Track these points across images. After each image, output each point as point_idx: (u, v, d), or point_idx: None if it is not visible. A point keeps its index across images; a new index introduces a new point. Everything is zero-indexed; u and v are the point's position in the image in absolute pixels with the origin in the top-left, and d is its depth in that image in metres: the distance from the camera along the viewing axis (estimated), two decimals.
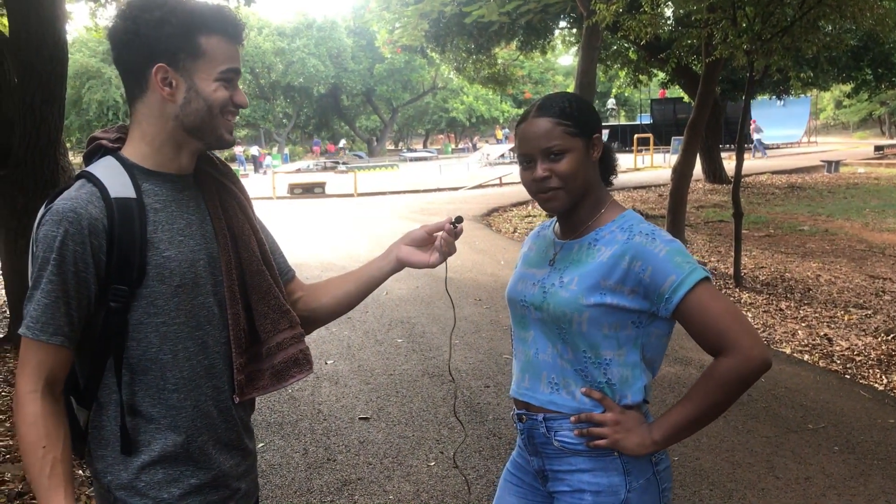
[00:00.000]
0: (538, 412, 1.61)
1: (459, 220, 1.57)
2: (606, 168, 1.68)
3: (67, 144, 7.44)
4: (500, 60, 17.29)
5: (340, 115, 51.88)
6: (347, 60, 44.71)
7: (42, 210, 1.33)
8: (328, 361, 5.40)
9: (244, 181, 1.59)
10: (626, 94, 42.76)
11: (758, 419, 4.21)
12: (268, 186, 21.19)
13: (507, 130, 49.92)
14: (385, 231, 12.13)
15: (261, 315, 1.48)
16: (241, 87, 1.44)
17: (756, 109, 30.88)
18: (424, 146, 57.77)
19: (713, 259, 9.12)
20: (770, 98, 23.37)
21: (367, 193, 20.69)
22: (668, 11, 12.03)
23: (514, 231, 12.27)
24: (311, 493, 3.45)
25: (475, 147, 47.46)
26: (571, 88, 22.58)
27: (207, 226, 1.43)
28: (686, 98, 23.90)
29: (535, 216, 13.50)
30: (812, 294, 7.20)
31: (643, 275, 1.48)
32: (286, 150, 45.78)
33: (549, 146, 1.54)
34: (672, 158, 19.04)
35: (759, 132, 29.27)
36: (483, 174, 25.05)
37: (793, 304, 6.81)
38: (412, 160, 41.10)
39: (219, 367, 1.42)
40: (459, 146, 51.70)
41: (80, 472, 3.38)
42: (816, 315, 6.45)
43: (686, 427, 1.52)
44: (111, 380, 1.34)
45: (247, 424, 1.53)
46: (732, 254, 7.76)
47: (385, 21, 16.89)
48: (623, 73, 17.91)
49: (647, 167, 25.58)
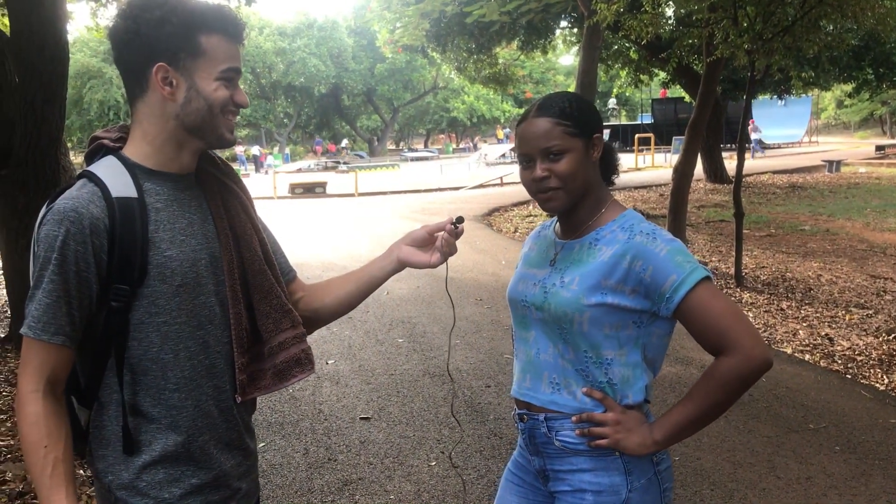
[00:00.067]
0: (539, 412, 1.61)
1: (460, 221, 1.56)
2: (608, 168, 1.68)
3: (68, 144, 7.44)
4: (501, 60, 17.29)
5: (341, 115, 51.89)
6: (348, 60, 44.72)
7: (43, 209, 1.33)
8: (329, 361, 5.40)
9: (245, 181, 1.58)
10: (627, 94, 42.75)
11: (759, 419, 4.21)
12: (269, 186, 21.19)
13: (508, 130, 49.89)
14: (386, 231, 12.13)
15: (263, 314, 1.48)
16: (242, 87, 1.44)
17: (757, 109, 30.91)
18: (425, 146, 57.77)
19: (714, 259, 9.12)
20: (771, 98, 23.38)
21: (368, 193, 20.68)
22: (669, 11, 12.03)
23: (516, 231, 12.27)
24: (312, 493, 3.45)
25: (476, 147, 47.47)
26: (572, 88, 22.58)
27: (209, 225, 1.43)
28: (687, 98, 23.91)
29: (537, 216, 13.50)
30: (813, 294, 7.19)
31: (644, 274, 1.48)
32: (287, 150, 45.79)
33: (549, 146, 1.53)
34: (673, 158, 19.03)
35: (757, 132, 29.27)
36: (484, 174, 25.04)
37: (794, 304, 6.80)
38: (413, 160, 41.11)
39: (220, 367, 1.42)
40: (460, 146, 51.67)
41: (82, 472, 3.38)
42: (817, 315, 6.45)
43: (687, 427, 1.51)
44: (112, 379, 1.34)
45: (248, 424, 1.53)
46: (733, 253, 7.76)
47: (386, 21, 16.89)
48: (624, 73, 17.92)
49: (648, 167, 25.58)
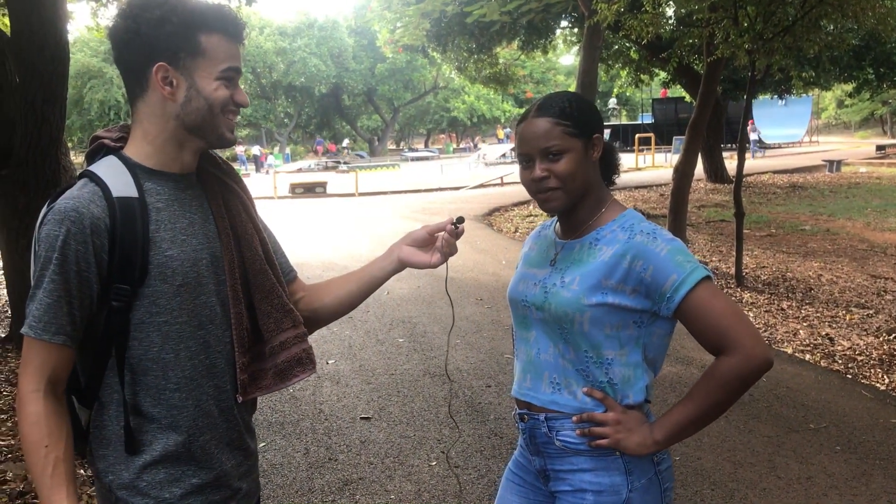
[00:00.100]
0: (540, 412, 1.61)
1: (461, 221, 1.56)
2: (608, 167, 1.68)
3: (69, 144, 7.45)
4: (502, 60, 17.29)
5: (342, 115, 51.89)
6: (349, 60, 44.72)
7: (44, 209, 1.33)
8: (329, 361, 5.40)
9: (245, 180, 1.58)
10: (628, 94, 42.75)
11: (759, 419, 4.20)
12: (269, 186, 21.19)
13: (509, 130, 49.88)
14: (386, 230, 12.13)
15: (264, 314, 1.48)
16: (243, 87, 1.44)
17: (758, 109, 30.93)
18: (426, 146, 57.77)
19: (715, 259, 9.11)
20: (772, 97, 23.38)
21: (369, 193, 20.67)
22: (670, 11, 12.03)
23: (516, 231, 12.27)
24: (313, 493, 3.45)
25: (476, 147, 47.46)
26: (573, 88, 22.59)
27: (210, 225, 1.43)
28: (687, 98, 23.88)
29: (537, 216, 13.49)
30: (814, 294, 7.19)
31: (644, 274, 1.48)
32: (288, 150, 45.78)
33: (548, 146, 1.53)
34: (673, 158, 19.04)
35: (754, 132, 29.30)
36: (485, 174, 25.03)
37: (794, 304, 6.80)
38: (413, 160, 41.09)
39: (220, 367, 1.42)
40: (461, 146, 51.68)
41: (82, 472, 3.38)
42: (818, 315, 6.44)
43: (688, 426, 1.51)
44: (113, 379, 1.34)
45: (248, 424, 1.53)
46: (734, 253, 7.76)
47: (386, 21, 16.89)
48: (624, 73, 17.92)
49: (649, 167, 25.57)
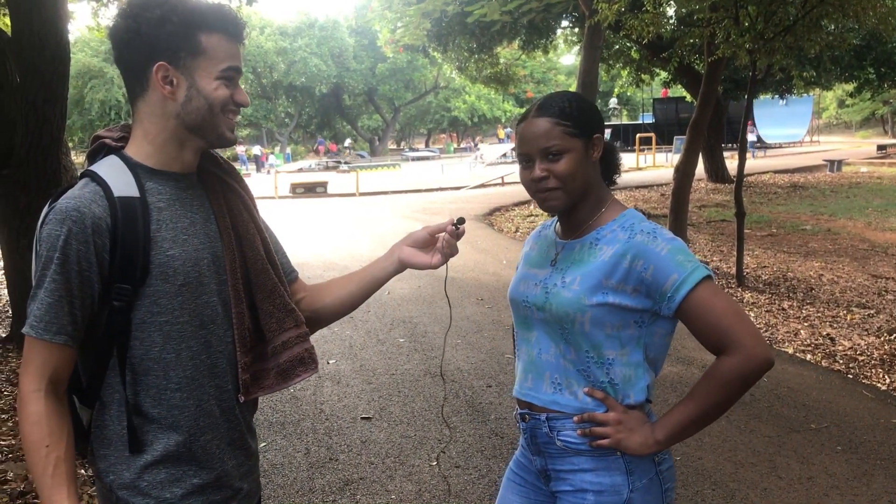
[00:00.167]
0: (541, 412, 1.60)
1: (461, 222, 1.57)
2: (609, 167, 1.67)
3: (70, 144, 7.45)
4: (503, 60, 17.29)
5: (342, 115, 51.90)
6: (349, 60, 44.74)
7: (46, 209, 1.33)
8: (330, 361, 5.41)
9: (246, 180, 1.58)
10: (629, 94, 42.77)
11: (760, 419, 4.20)
12: (270, 186, 21.20)
13: (509, 130, 49.85)
14: (387, 230, 12.13)
15: (266, 314, 1.48)
16: (243, 87, 1.44)
17: (758, 109, 30.91)
18: (426, 145, 57.79)
19: (715, 258, 9.11)
20: (772, 97, 23.34)
21: (369, 193, 20.67)
22: (671, 10, 12.04)
23: (517, 230, 12.26)
24: (313, 493, 3.45)
25: (477, 146, 47.47)
26: (573, 88, 22.57)
27: (211, 224, 1.43)
28: (688, 97, 23.88)
29: (538, 216, 13.49)
30: (814, 293, 7.19)
31: (645, 274, 1.48)
32: (288, 150, 45.80)
33: (548, 146, 1.53)
34: (674, 158, 19.03)
35: (752, 132, 29.31)
36: (485, 174, 25.03)
37: (795, 304, 6.80)
38: (414, 160, 41.10)
39: (222, 367, 1.42)
40: (462, 145, 51.68)
41: (83, 472, 3.39)
42: (819, 315, 6.44)
43: (689, 426, 1.51)
44: (114, 379, 1.34)
45: (249, 424, 1.53)
46: (735, 253, 7.76)
47: (387, 20, 16.89)
48: (625, 73, 17.93)
49: (650, 166, 25.57)
